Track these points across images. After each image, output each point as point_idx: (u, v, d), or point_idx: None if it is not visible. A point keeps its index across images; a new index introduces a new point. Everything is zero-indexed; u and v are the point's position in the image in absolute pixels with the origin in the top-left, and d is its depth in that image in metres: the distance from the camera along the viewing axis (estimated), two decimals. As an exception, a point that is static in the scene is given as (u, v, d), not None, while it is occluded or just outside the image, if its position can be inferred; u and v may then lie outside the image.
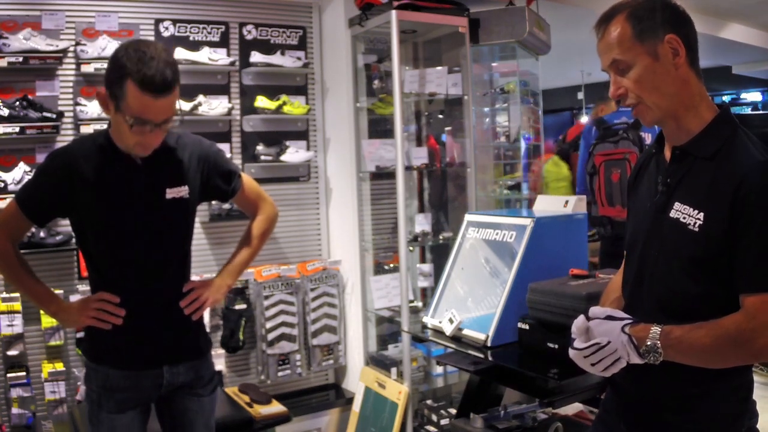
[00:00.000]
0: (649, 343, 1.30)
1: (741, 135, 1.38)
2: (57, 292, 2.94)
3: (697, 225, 1.35)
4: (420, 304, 3.68)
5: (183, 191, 1.90)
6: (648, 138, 3.88)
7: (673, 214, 1.40)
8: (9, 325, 2.89)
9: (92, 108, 3.07)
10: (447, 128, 3.86)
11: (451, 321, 2.19)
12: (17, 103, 2.93)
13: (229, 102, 3.48)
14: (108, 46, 3.08)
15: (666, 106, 1.39)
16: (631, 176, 1.63)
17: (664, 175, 1.45)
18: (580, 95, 9.85)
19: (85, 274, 3.07)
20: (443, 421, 3.27)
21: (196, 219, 2.06)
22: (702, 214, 1.34)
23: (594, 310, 1.40)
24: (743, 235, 1.29)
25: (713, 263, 1.34)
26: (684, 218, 1.37)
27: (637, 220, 1.53)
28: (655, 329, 1.30)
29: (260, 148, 3.57)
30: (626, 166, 3.79)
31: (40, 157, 3.03)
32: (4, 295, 2.90)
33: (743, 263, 1.30)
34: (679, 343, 1.29)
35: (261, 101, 3.54)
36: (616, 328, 1.32)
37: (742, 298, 1.30)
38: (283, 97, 3.60)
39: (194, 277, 2.04)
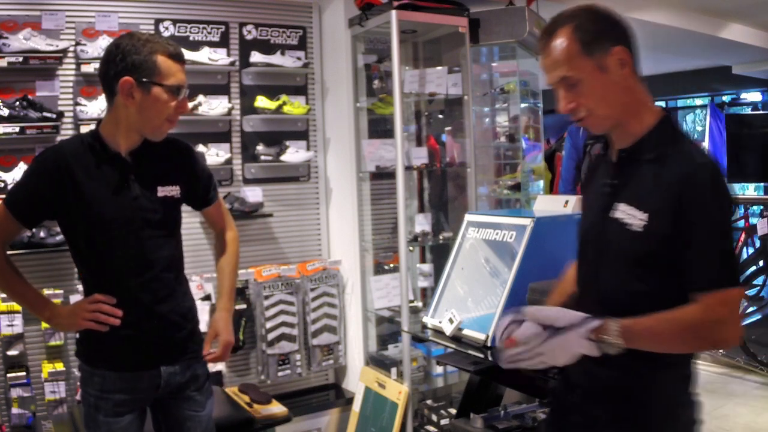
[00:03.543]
0: (609, 339, 1.35)
1: (682, 138, 1.44)
2: (57, 292, 2.96)
3: (640, 225, 1.40)
4: (420, 304, 3.68)
5: (174, 190, 1.92)
6: None
7: (617, 215, 1.45)
8: (9, 325, 2.89)
9: (92, 108, 3.07)
10: (447, 128, 3.86)
11: (451, 321, 2.19)
12: (17, 103, 2.92)
13: (229, 102, 3.48)
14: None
15: (615, 115, 1.44)
16: (584, 179, 1.69)
17: (610, 177, 1.50)
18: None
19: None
20: (443, 421, 3.27)
21: (197, 218, 2.06)
22: (646, 214, 1.39)
23: (546, 313, 1.43)
24: (690, 236, 1.34)
25: (656, 262, 1.40)
26: (627, 219, 1.42)
27: (587, 221, 1.59)
28: (615, 327, 1.35)
29: (260, 148, 3.57)
30: None
31: (40, 157, 3.03)
32: (4, 295, 2.90)
33: (694, 263, 1.35)
34: (640, 336, 1.36)
35: (261, 101, 3.54)
36: (581, 338, 1.37)
37: (698, 296, 1.35)
38: (283, 97, 3.60)
39: (194, 278, 2.03)
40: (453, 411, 3.24)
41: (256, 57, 3.53)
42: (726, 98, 9.12)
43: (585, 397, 1.57)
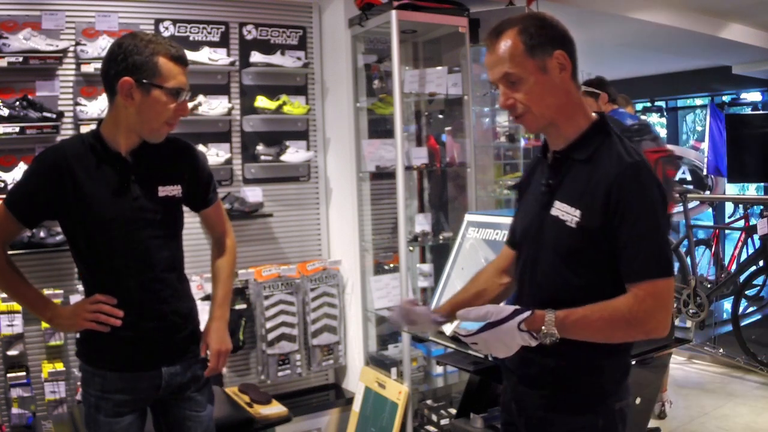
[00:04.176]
0: (545, 329, 1.42)
1: (614, 139, 1.52)
2: (57, 292, 2.96)
3: (574, 221, 1.48)
4: (420, 304, 3.67)
5: (175, 190, 1.90)
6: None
7: (553, 212, 1.53)
8: (9, 325, 2.89)
9: (92, 108, 3.07)
10: (447, 128, 3.86)
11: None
12: (17, 103, 2.92)
13: (229, 102, 3.48)
14: (108, 46, 3.07)
15: (550, 115, 1.53)
16: (522, 180, 1.77)
17: (546, 177, 1.59)
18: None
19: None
20: (443, 421, 3.27)
21: (198, 217, 2.06)
22: (579, 211, 1.48)
23: (471, 314, 1.49)
24: (620, 231, 1.43)
25: (590, 256, 1.48)
26: (563, 216, 1.51)
27: (525, 220, 1.67)
28: (550, 318, 1.43)
29: (260, 148, 3.57)
30: (676, 163, 3.82)
31: (40, 157, 3.03)
32: (4, 295, 2.90)
33: (625, 257, 1.43)
34: (575, 326, 1.43)
35: (261, 101, 3.54)
36: (513, 330, 1.42)
37: (629, 287, 1.43)
38: (283, 97, 3.60)
39: (194, 278, 2.03)
40: (453, 411, 3.24)
41: (256, 57, 3.53)
42: (726, 98, 9.12)
43: (519, 385, 1.65)
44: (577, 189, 1.50)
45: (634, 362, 2.46)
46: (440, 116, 3.97)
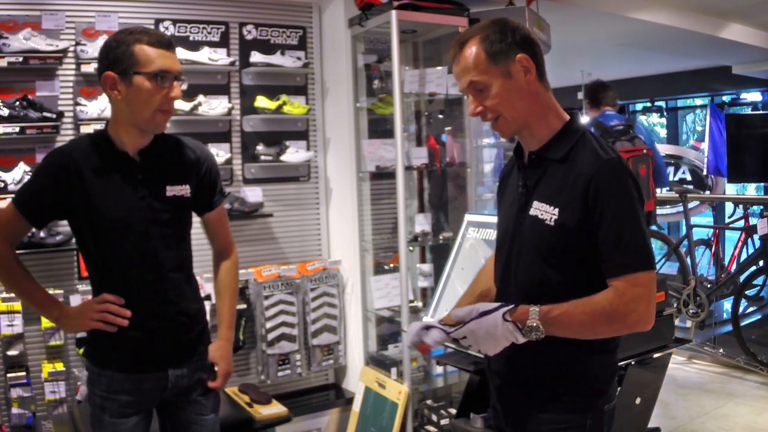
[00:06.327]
0: (529, 323, 1.43)
1: (588, 138, 1.54)
2: (57, 292, 2.96)
3: (552, 219, 1.50)
4: (420, 304, 3.68)
5: (184, 189, 1.90)
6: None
7: (531, 211, 1.55)
8: (9, 325, 2.89)
9: (92, 108, 3.07)
10: (447, 128, 3.86)
11: (451, 321, 2.19)
12: (17, 103, 2.92)
13: (229, 102, 3.48)
14: (108, 46, 3.08)
15: (521, 117, 1.56)
16: (499, 183, 1.79)
17: (523, 179, 1.61)
18: (580, 95, 9.83)
19: (85, 274, 3.07)
20: (443, 421, 3.27)
21: (199, 219, 2.05)
22: (557, 209, 1.50)
23: (458, 313, 1.52)
24: (600, 227, 1.45)
25: (570, 253, 1.50)
26: (541, 215, 1.52)
27: (504, 222, 1.68)
28: (534, 310, 1.44)
29: (260, 148, 3.57)
30: (649, 161, 3.83)
31: (40, 157, 3.02)
32: (4, 295, 2.90)
33: (605, 252, 1.45)
34: (558, 321, 1.44)
35: (261, 101, 3.54)
36: (498, 320, 1.44)
37: (610, 281, 1.45)
38: (283, 97, 3.60)
39: (196, 278, 2.03)
40: (453, 411, 3.24)
41: (256, 57, 3.53)
42: (726, 98, 9.12)
43: (504, 388, 1.66)
44: (554, 188, 1.52)
45: (633, 362, 2.47)
46: (440, 116, 3.97)
